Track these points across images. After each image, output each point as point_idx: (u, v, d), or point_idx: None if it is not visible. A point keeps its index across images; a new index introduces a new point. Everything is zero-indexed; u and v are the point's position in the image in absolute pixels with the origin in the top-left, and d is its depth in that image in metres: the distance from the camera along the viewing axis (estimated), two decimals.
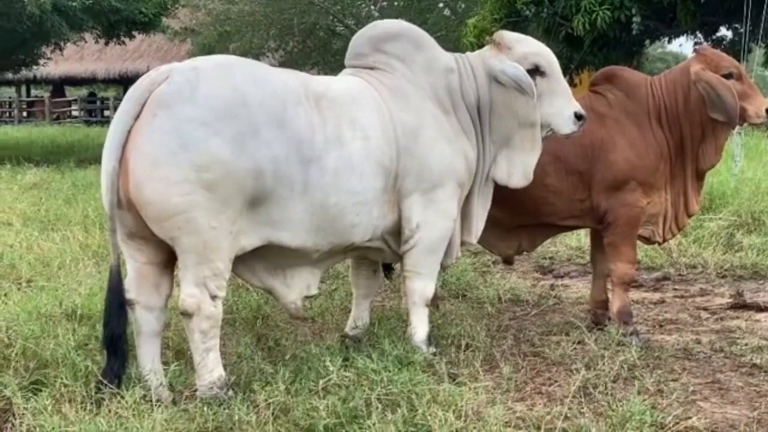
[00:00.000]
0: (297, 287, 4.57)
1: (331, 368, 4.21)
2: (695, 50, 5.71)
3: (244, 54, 25.97)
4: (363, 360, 4.35)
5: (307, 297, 4.67)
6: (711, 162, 5.47)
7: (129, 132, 3.95)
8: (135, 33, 23.65)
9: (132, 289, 4.16)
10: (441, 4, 29.45)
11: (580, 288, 6.90)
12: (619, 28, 18.77)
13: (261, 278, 4.51)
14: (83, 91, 45.79)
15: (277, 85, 4.24)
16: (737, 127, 7.11)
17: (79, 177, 13.20)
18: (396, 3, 28.34)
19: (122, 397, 3.86)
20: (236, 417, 3.81)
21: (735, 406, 4.28)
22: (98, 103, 41.62)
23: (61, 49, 23.10)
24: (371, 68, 4.84)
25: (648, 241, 5.62)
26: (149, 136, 3.92)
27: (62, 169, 14.86)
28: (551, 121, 4.99)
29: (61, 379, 4.09)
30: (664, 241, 5.65)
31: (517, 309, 6.21)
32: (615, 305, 5.41)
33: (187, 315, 4.08)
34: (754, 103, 5.30)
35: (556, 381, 4.55)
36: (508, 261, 5.93)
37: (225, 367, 4.26)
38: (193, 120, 3.93)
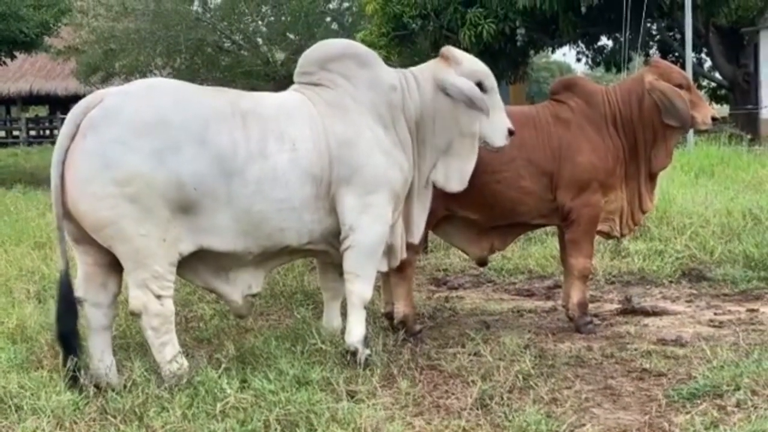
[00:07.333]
0: (239, 287, 4.95)
1: (229, 391, 4.20)
2: (647, 62, 6.14)
3: (130, 71, 25.57)
4: (260, 381, 4.33)
5: (250, 296, 5.05)
6: (662, 164, 5.96)
7: (67, 152, 4.42)
8: (16, 53, 23.07)
9: (81, 288, 4.64)
10: (328, 18, 29.48)
11: (474, 299, 6.98)
12: (504, 39, 19.16)
13: (204, 279, 4.93)
14: None
15: (201, 106, 4.63)
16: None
17: None
18: (283, 18, 28.24)
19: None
20: None
21: (627, 411, 4.38)
22: None
23: None
24: (316, 84, 5.09)
25: (607, 236, 6.07)
26: (79, 156, 4.40)
27: None
28: (488, 134, 5.29)
29: None
30: (623, 235, 6.13)
31: None
32: (575, 297, 5.89)
33: (135, 314, 4.59)
34: (702, 111, 5.80)
35: (453, 394, 4.59)
36: (482, 263, 6.22)
37: (119, 393, 4.25)
38: (114, 140, 4.38)
